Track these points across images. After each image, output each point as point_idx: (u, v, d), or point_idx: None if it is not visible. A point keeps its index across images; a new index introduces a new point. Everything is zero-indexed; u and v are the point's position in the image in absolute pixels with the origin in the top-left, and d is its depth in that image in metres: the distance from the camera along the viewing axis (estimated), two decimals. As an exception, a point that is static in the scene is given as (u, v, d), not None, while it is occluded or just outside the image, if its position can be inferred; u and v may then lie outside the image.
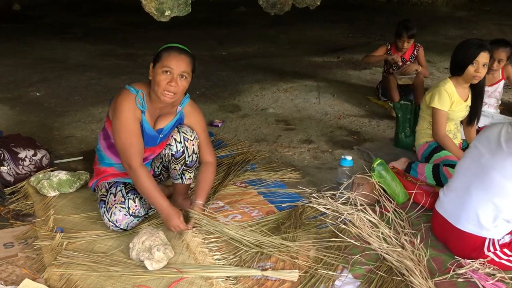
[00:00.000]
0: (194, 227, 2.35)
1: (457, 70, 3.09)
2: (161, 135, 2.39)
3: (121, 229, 2.33)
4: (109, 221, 2.32)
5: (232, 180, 2.94)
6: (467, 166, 2.31)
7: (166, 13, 2.64)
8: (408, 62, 4.53)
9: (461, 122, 3.35)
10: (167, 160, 2.51)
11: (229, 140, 3.61)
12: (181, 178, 2.52)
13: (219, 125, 3.95)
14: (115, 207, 2.32)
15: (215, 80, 5.24)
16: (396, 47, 4.54)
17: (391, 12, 9.68)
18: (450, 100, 3.11)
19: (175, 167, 2.49)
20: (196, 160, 2.51)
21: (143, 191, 2.27)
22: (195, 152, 2.48)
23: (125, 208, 2.33)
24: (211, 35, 7.57)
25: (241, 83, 5.17)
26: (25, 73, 5.25)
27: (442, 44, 7.03)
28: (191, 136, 2.45)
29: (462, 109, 3.19)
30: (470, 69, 3.01)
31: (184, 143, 2.43)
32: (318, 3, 3.29)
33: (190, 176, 2.53)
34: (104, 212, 2.34)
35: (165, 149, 2.47)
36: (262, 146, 3.57)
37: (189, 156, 2.47)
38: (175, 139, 2.43)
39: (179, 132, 2.44)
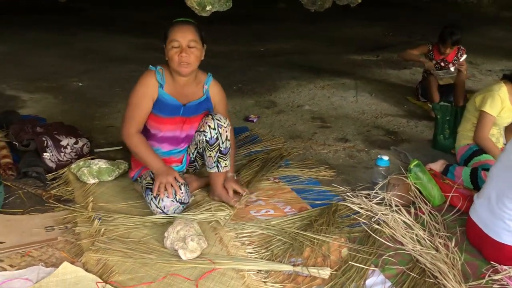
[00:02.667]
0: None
1: None
2: (184, 105, 2.52)
3: (167, 215, 2.40)
4: (157, 207, 2.38)
5: (266, 176, 2.95)
6: (500, 174, 2.23)
7: (207, 8, 2.68)
8: (450, 65, 4.45)
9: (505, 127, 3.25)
10: (201, 147, 2.58)
11: (263, 136, 3.63)
12: (217, 166, 2.56)
13: (255, 120, 3.97)
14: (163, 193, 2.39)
15: (252, 75, 5.26)
16: (438, 50, 4.46)
17: (433, 11, 9.46)
18: (501, 105, 3.02)
19: (210, 154, 2.54)
20: (230, 147, 2.58)
21: (138, 153, 2.46)
22: (228, 138, 2.55)
23: (172, 194, 2.39)
24: (250, 31, 7.59)
25: (278, 79, 5.17)
26: (68, 63, 5.41)
27: (486, 46, 6.81)
28: (224, 123, 2.53)
29: (510, 116, 3.09)
30: None
31: (218, 129, 2.50)
32: (360, 1, 3.26)
33: (226, 164, 2.57)
34: (152, 199, 2.40)
35: (199, 135, 2.55)
36: (297, 142, 3.57)
37: (223, 143, 2.52)
38: (209, 126, 2.50)
39: (213, 119, 2.51)
